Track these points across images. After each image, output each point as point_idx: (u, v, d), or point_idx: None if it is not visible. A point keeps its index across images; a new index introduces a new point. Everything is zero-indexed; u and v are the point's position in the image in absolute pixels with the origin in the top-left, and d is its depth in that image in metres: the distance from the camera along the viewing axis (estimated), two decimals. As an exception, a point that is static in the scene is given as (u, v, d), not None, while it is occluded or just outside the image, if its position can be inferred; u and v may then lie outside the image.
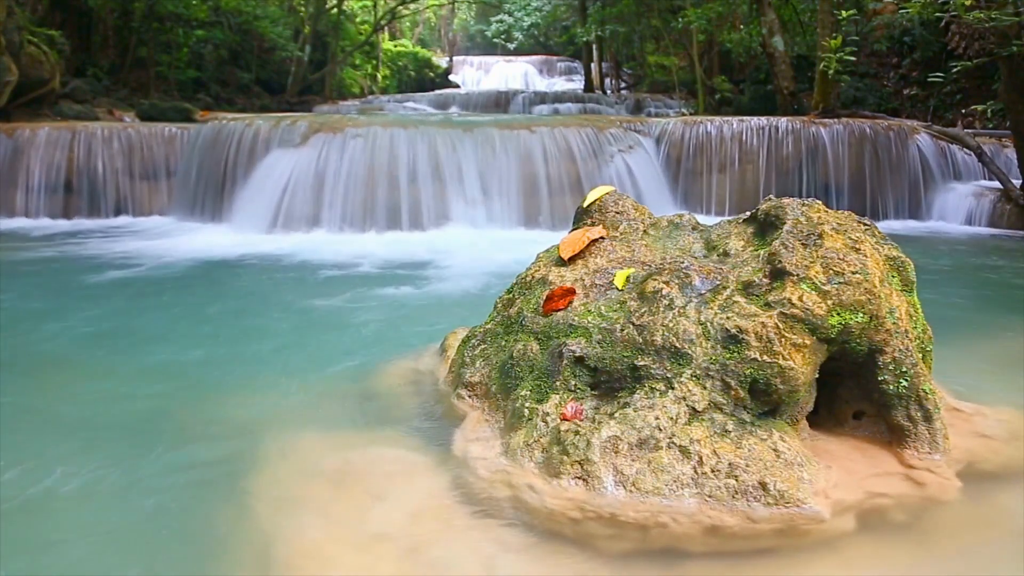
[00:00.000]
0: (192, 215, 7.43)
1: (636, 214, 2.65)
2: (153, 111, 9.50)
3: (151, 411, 2.69)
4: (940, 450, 2.13)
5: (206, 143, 7.65)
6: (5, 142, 7.52)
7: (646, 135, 8.01)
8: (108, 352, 3.46)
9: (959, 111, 10.37)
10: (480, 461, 2.08)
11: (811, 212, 2.26)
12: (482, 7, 26.30)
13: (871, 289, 2.07)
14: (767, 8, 10.52)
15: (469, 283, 4.95)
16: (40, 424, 2.60)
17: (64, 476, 2.23)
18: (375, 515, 1.90)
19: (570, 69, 25.29)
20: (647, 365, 2.05)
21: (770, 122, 8.07)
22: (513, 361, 2.31)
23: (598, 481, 1.90)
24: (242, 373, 3.14)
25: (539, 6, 21.62)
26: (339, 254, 5.88)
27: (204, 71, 13.68)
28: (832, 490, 1.92)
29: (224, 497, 2.05)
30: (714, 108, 12.98)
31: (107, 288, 4.81)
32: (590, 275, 2.39)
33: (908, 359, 2.15)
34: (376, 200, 6.89)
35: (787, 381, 1.99)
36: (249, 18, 13.86)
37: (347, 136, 7.11)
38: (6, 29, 8.28)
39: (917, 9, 7.06)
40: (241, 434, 2.43)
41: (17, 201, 7.44)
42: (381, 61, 20.17)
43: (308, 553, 1.77)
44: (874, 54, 11.87)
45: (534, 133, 7.37)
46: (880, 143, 7.95)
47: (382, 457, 2.21)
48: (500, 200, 7.08)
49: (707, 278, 2.18)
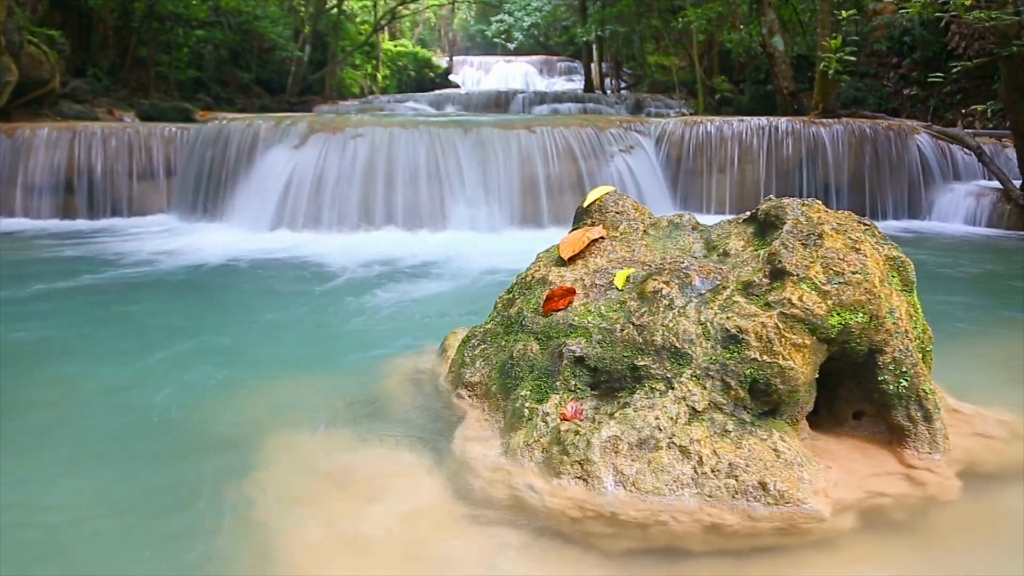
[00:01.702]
0: (192, 215, 7.43)
1: (636, 214, 2.65)
2: (153, 111, 9.50)
3: (151, 411, 2.69)
4: (940, 450, 2.13)
5: (206, 143, 7.64)
6: (5, 142, 7.52)
7: (646, 135, 8.00)
8: (108, 352, 3.46)
9: (959, 111, 10.37)
10: (480, 461, 2.08)
11: (811, 212, 2.26)
12: (482, 7, 26.29)
13: (871, 289, 2.07)
14: (767, 8, 10.52)
15: (469, 283, 4.95)
16: (40, 424, 2.60)
17: (63, 476, 2.23)
18: (375, 515, 1.90)
19: (570, 69, 25.28)
20: (647, 365, 2.06)
21: (770, 122, 8.07)
22: (513, 361, 2.31)
23: (598, 481, 1.90)
24: (242, 373, 3.14)
25: (539, 6, 21.59)
26: (339, 254, 5.87)
27: (204, 71, 13.68)
28: (832, 490, 1.92)
29: (224, 497, 2.05)
30: (714, 108, 12.98)
31: (106, 288, 4.81)
32: (590, 275, 2.39)
33: (908, 359, 2.15)
34: (376, 200, 6.89)
35: (787, 381, 1.99)
36: (249, 18, 13.86)
37: (347, 136, 7.11)
38: (6, 29, 8.28)
39: (917, 9, 7.05)
40: (241, 434, 2.44)
41: (17, 201, 7.44)
42: (381, 61, 20.17)
43: (308, 553, 1.78)
44: (874, 54, 11.87)
45: (534, 133, 7.37)
46: (880, 143, 7.95)
47: (382, 457, 2.21)
48: (500, 200, 7.08)
49: (707, 278, 2.18)
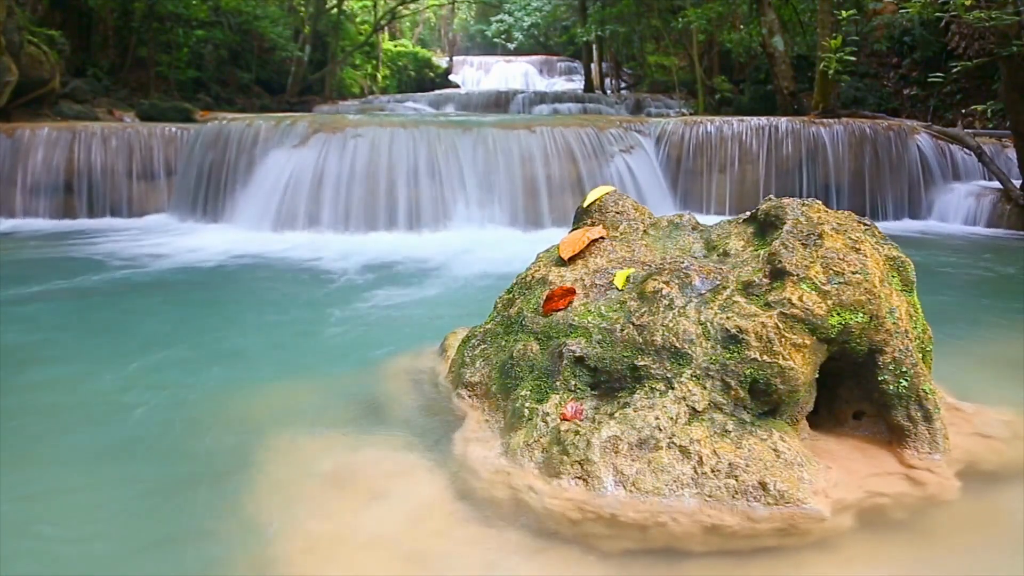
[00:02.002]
0: (192, 215, 7.43)
1: (636, 214, 2.65)
2: (153, 111, 9.50)
3: (151, 410, 2.69)
4: (940, 450, 2.13)
5: (206, 143, 7.64)
6: (5, 142, 7.51)
7: (646, 135, 8.00)
8: (107, 352, 3.46)
9: (959, 111, 10.37)
10: (480, 461, 2.08)
11: (811, 212, 2.26)
12: (482, 7, 26.29)
13: (871, 289, 2.07)
14: (767, 8, 10.52)
15: (469, 283, 4.95)
16: (39, 424, 2.60)
17: (63, 476, 2.23)
18: (375, 515, 1.90)
19: (570, 69, 25.27)
20: (647, 365, 2.06)
21: (770, 122, 8.07)
22: (513, 361, 2.31)
23: (598, 481, 1.90)
24: (242, 372, 3.15)
25: (539, 6, 21.59)
26: (339, 254, 5.88)
27: (204, 71, 13.68)
28: (832, 490, 1.92)
29: (224, 497, 2.05)
30: (714, 108, 12.98)
31: (107, 288, 4.81)
32: (590, 275, 2.39)
33: (908, 359, 2.15)
34: (376, 200, 6.89)
35: (787, 381, 1.99)
36: (249, 18, 13.86)
37: (347, 136, 7.10)
38: (6, 29, 8.28)
39: (917, 9, 7.05)
40: (240, 434, 2.44)
41: (17, 201, 7.44)
42: (381, 61, 20.17)
43: (308, 553, 1.77)
44: (874, 54, 11.87)
45: (534, 133, 7.37)
46: (880, 143, 7.94)
47: (382, 457, 2.21)
48: (500, 200, 7.08)
49: (707, 278, 2.18)
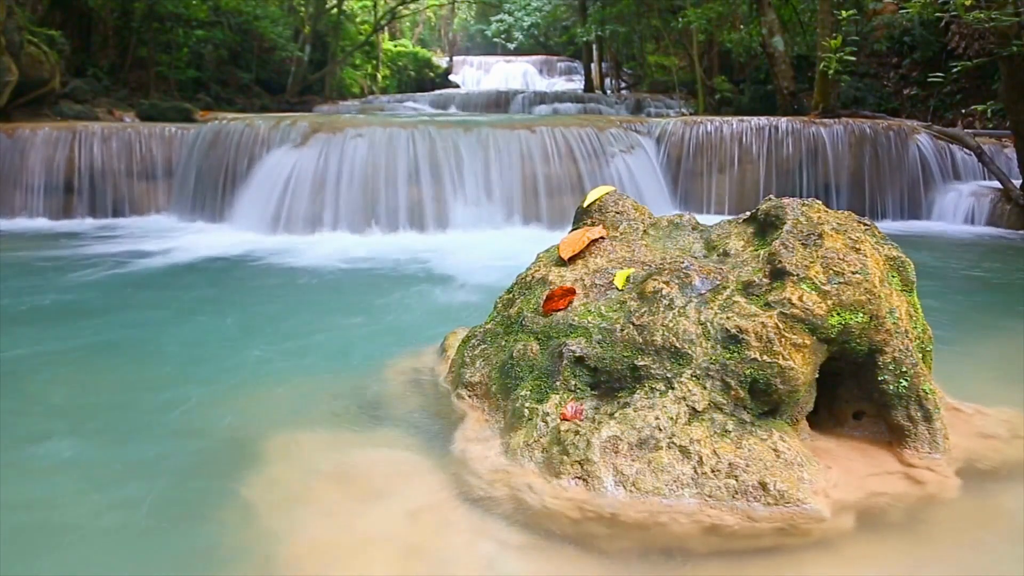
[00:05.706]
0: (192, 215, 7.43)
1: (636, 214, 2.65)
2: (153, 111, 9.50)
3: (151, 411, 2.69)
4: (940, 449, 2.13)
5: (206, 143, 7.64)
6: (5, 142, 7.51)
7: (646, 135, 8.00)
8: (106, 353, 3.46)
9: (959, 111, 10.37)
10: (480, 461, 2.08)
11: (811, 212, 2.26)
12: (482, 7, 26.27)
13: (871, 289, 2.07)
14: (767, 8, 10.51)
15: (469, 283, 4.95)
16: (40, 424, 2.60)
17: (63, 475, 2.23)
18: (375, 515, 1.90)
19: (570, 69, 25.25)
20: (647, 365, 2.06)
21: (770, 122, 8.07)
22: (513, 361, 2.31)
23: (598, 481, 1.90)
24: (242, 373, 3.14)
25: (539, 6, 21.57)
26: (339, 254, 5.88)
27: (204, 71, 13.67)
28: (832, 490, 1.92)
29: (224, 496, 2.05)
30: (714, 108, 12.97)
31: (107, 288, 4.81)
32: (590, 275, 2.39)
33: (908, 359, 2.15)
34: (376, 200, 6.89)
35: (787, 381, 1.99)
36: (249, 18, 13.85)
37: (347, 136, 7.10)
38: (6, 29, 8.28)
39: (917, 9, 7.05)
40: (241, 434, 2.44)
41: (17, 201, 7.44)
42: (381, 61, 20.16)
43: (308, 553, 1.78)
44: (874, 54, 11.87)
45: (534, 133, 7.37)
46: (880, 143, 7.94)
47: (382, 457, 2.21)
48: (500, 200, 7.08)
49: (707, 278, 2.18)
